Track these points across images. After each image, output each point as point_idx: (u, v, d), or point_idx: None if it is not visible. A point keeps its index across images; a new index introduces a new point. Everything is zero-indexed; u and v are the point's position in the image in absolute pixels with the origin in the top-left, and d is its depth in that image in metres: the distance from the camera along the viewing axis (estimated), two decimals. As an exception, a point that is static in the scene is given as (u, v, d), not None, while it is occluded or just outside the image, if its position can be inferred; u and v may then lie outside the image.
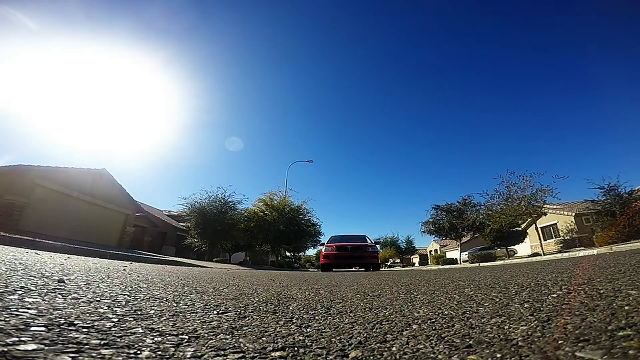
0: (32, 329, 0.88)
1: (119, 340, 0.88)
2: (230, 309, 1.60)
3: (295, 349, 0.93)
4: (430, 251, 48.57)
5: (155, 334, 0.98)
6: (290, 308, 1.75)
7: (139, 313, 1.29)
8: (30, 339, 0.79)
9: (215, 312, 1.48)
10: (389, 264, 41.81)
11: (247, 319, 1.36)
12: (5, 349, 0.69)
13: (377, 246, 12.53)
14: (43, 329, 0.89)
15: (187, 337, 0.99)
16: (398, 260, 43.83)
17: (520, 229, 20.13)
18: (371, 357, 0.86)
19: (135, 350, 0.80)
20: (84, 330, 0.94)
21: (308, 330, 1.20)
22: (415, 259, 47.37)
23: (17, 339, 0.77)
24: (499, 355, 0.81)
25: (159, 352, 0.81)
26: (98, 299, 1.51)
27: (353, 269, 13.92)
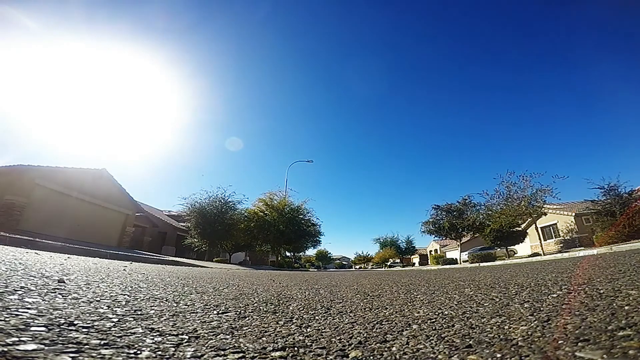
0: (32, 329, 0.88)
1: (119, 340, 0.88)
2: (230, 309, 1.60)
3: (295, 349, 0.93)
4: (430, 251, 48.50)
5: (155, 334, 0.98)
6: (290, 308, 1.75)
7: (139, 313, 1.29)
8: (30, 339, 0.79)
9: (215, 312, 1.48)
10: (389, 264, 41.77)
11: (247, 319, 1.36)
12: (5, 349, 0.69)
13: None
14: (43, 329, 0.89)
15: (187, 337, 0.99)
16: (398, 260, 43.77)
17: (520, 229, 20.08)
18: (371, 357, 0.86)
19: (135, 350, 0.80)
20: (84, 330, 0.94)
21: (308, 330, 1.20)
22: (415, 259, 47.34)
23: (17, 339, 0.77)
24: (499, 355, 0.81)
25: (159, 352, 0.81)
26: (98, 299, 1.51)
27: (352, 269, 13.94)
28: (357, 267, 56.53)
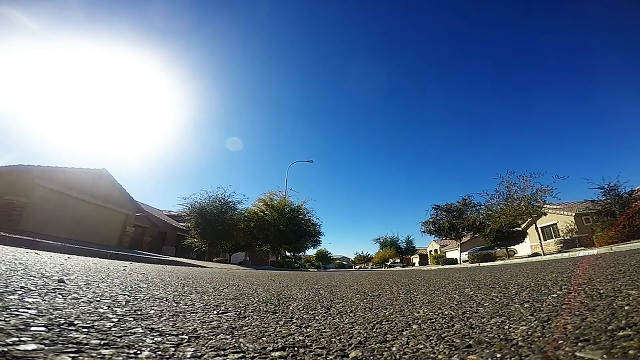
0: (32, 329, 0.88)
1: (119, 340, 0.87)
2: (230, 309, 1.60)
3: (295, 349, 0.93)
4: (430, 251, 48.48)
5: (155, 334, 0.98)
6: (290, 308, 1.75)
7: (139, 313, 1.29)
8: (30, 339, 0.79)
9: (215, 312, 1.48)
10: (388, 264, 41.76)
11: (247, 319, 1.36)
12: (5, 349, 0.69)
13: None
14: (43, 329, 0.89)
15: (187, 337, 0.99)
16: (398, 260, 43.76)
17: (520, 229, 20.05)
18: (371, 357, 0.86)
19: (135, 350, 0.80)
20: (84, 330, 0.94)
21: (308, 330, 1.20)
22: (415, 259, 47.33)
23: (17, 339, 0.77)
24: (499, 355, 0.81)
25: (159, 352, 0.80)
26: (98, 299, 1.51)
27: (352, 269, 13.95)
28: (357, 267, 56.52)
